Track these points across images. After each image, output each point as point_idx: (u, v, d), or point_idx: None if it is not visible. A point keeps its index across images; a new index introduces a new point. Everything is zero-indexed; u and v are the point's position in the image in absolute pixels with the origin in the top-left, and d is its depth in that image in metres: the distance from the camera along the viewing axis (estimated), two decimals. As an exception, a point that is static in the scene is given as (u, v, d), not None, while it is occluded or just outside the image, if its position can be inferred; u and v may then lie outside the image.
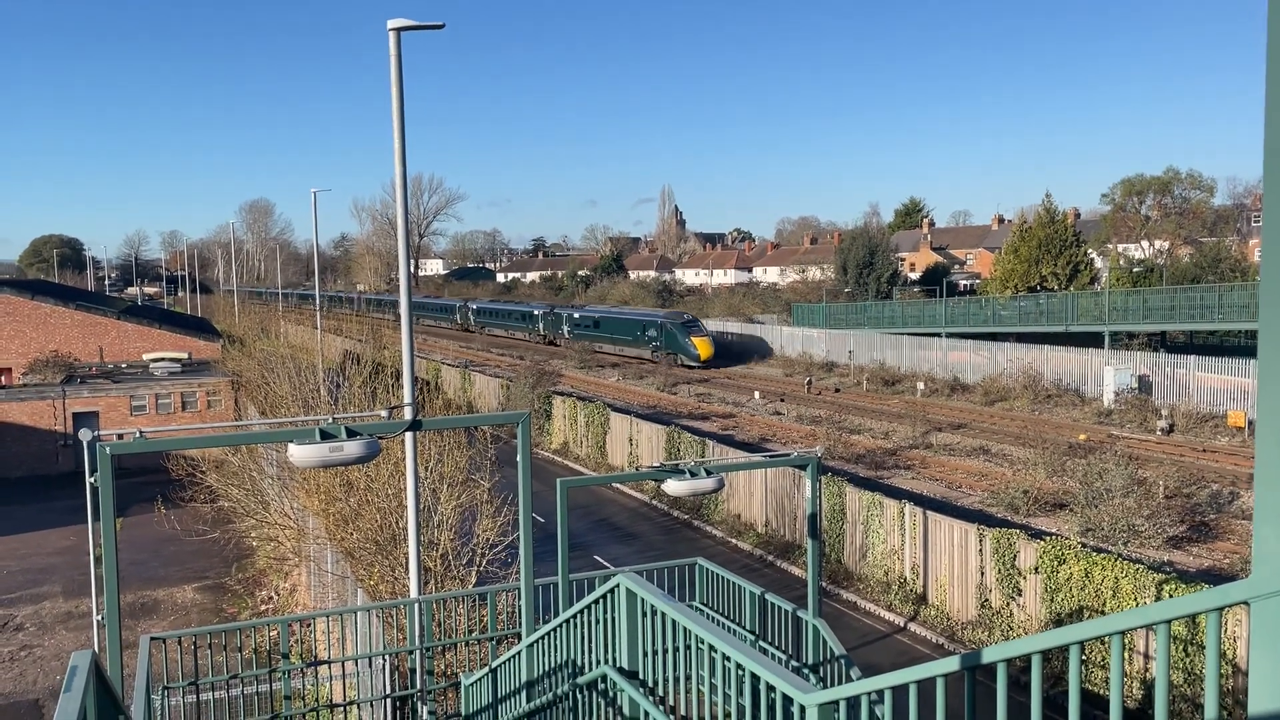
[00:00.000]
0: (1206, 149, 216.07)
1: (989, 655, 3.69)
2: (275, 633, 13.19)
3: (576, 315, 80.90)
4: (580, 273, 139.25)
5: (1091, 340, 51.56)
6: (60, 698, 3.90)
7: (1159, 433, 38.30)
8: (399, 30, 15.12)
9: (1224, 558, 23.92)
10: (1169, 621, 2.99)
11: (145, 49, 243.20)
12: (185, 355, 52.40)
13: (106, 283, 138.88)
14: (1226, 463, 32.90)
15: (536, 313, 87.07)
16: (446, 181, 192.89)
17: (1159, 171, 76.81)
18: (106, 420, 43.85)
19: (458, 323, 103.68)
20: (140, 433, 9.09)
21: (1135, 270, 66.85)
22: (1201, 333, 57.29)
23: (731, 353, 69.72)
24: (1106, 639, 3.21)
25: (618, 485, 34.82)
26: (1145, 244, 75.01)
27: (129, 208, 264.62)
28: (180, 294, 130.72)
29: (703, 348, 64.88)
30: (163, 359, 50.69)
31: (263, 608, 25.91)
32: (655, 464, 15.21)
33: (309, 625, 18.82)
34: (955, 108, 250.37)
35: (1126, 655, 16.95)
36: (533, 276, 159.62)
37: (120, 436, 9.12)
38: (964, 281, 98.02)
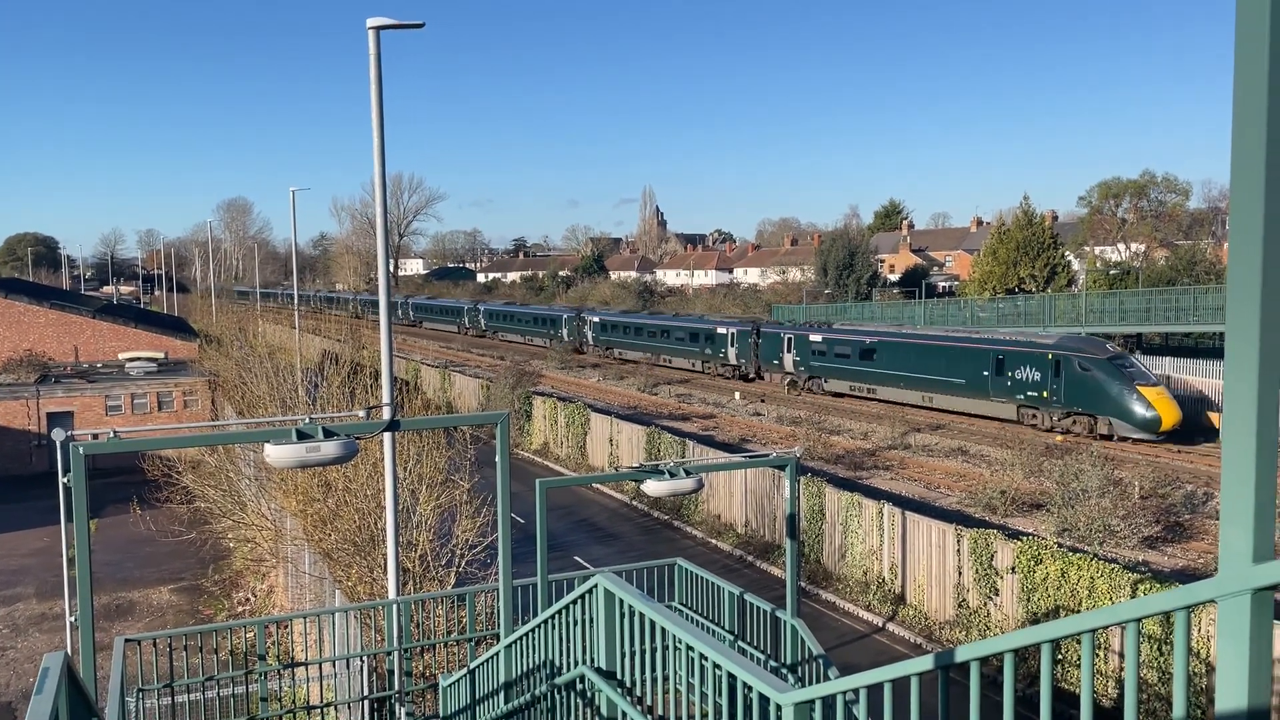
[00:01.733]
0: (1182, 153, 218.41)
1: (963, 654, 3.72)
2: (252, 634, 13.11)
3: (817, 339, 50.50)
4: (561, 273, 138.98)
5: (1068, 342, 51.87)
6: (32, 700, 3.87)
7: (1134, 434, 38.56)
8: (378, 29, 15.06)
9: (1198, 557, 24.16)
10: (1139, 620, 3.03)
11: (123, 45, 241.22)
12: (162, 355, 52.00)
13: (82, 281, 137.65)
14: (1201, 463, 33.22)
15: (723, 331, 58.11)
16: (427, 181, 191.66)
17: (1135, 175, 77.81)
18: (81, 420, 43.46)
19: (564, 340, 75.14)
20: (115, 433, 9.01)
21: (1112, 272, 67.45)
22: (1177, 335, 57.88)
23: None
24: (1079, 638, 3.25)
25: (598, 486, 34.80)
26: (1122, 246, 75.74)
27: (105, 206, 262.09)
28: (157, 293, 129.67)
29: (1164, 407, 35.97)
30: (139, 358, 50.29)
31: (239, 609, 25.74)
32: (635, 464, 15.22)
33: (286, 627, 18.73)
34: (935, 110, 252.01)
35: (1102, 654, 17.11)
36: (513, 277, 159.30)
37: (95, 436, 9.02)
38: (943, 283, 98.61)
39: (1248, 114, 2.45)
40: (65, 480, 8.84)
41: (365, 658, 13.49)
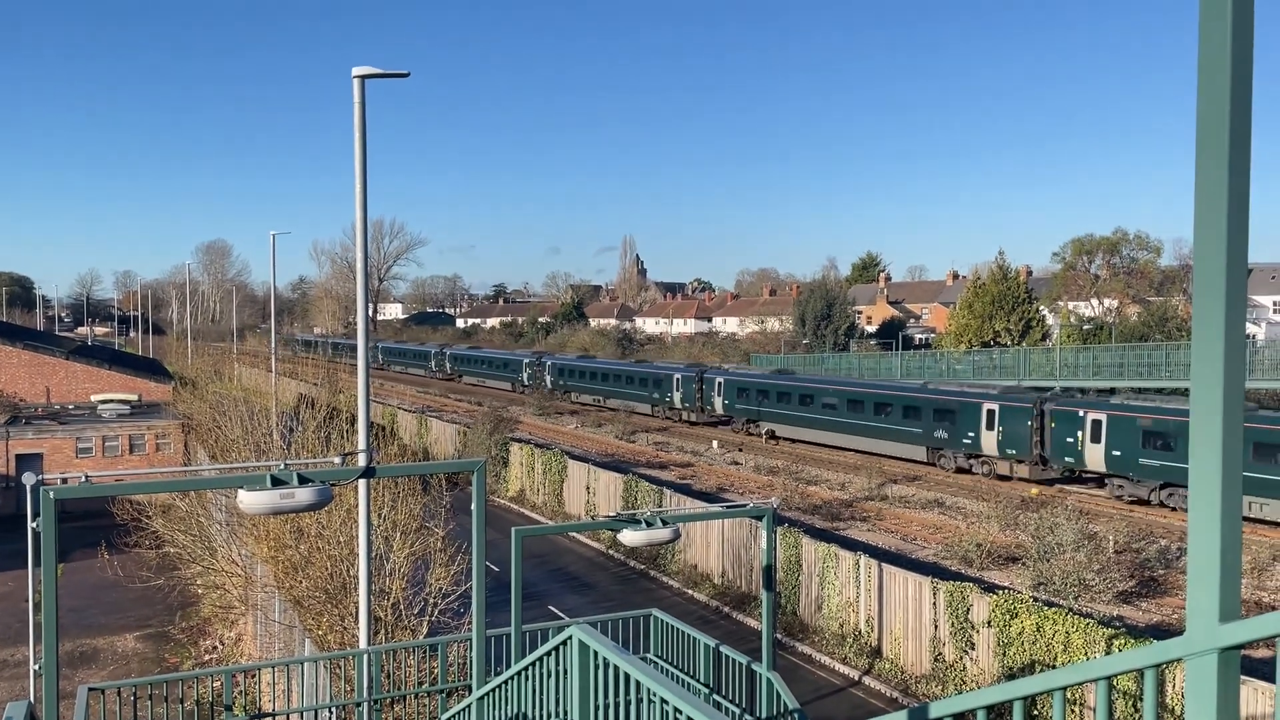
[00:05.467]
0: (1154, 211, 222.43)
1: (935, 711, 3.73)
2: (219, 683, 12.86)
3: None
4: (541, 319, 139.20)
5: (1043, 395, 52.42)
6: (-9, 751, 3.79)
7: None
8: (364, 78, 15.21)
9: (1173, 613, 24.21)
10: (1109, 678, 3.05)
11: (103, 87, 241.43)
12: (135, 397, 51.45)
13: (57, 322, 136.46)
14: (1174, 519, 33.41)
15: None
16: (408, 226, 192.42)
17: (1108, 232, 79.27)
18: (50, 462, 42.82)
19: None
20: (86, 477, 8.90)
21: (1085, 328, 68.32)
22: (1149, 390, 58.58)
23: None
24: (1051, 694, 3.26)
25: (574, 534, 34.55)
26: (1095, 302, 76.77)
27: (82, 246, 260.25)
28: (132, 334, 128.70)
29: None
30: (111, 400, 49.72)
31: (206, 657, 25.25)
32: (612, 513, 15.18)
33: (254, 676, 18.39)
34: (912, 165, 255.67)
35: (1078, 710, 17.05)
36: (493, 322, 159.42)
37: (64, 480, 8.91)
38: (919, 335, 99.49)
39: (1209, 174, 2.53)
40: (34, 525, 8.70)
41: (334, 709, 13.25)
